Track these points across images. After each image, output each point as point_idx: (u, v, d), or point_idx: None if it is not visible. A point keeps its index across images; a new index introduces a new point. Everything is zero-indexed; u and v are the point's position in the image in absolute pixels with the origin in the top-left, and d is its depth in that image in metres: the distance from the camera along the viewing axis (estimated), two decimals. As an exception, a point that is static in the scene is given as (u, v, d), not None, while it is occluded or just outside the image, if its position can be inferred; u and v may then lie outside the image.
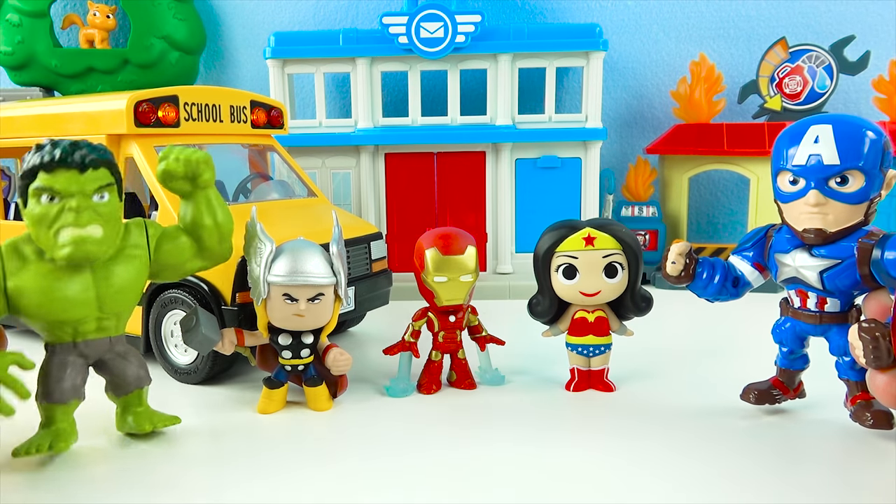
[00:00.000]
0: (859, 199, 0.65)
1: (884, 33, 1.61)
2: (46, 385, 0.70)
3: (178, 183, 0.74)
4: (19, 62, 1.59)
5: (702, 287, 0.75)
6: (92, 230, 0.67)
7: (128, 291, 0.72)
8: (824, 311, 0.70)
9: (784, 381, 0.76)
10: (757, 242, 0.74)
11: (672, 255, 0.74)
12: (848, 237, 0.66)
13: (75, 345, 0.71)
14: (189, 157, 0.73)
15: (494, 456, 0.69)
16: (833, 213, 0.66)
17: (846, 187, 0.65)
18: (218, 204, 0.77)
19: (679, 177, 1.57)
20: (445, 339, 0.87)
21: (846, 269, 0.66)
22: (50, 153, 0.66)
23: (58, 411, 0.71)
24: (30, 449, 0.68)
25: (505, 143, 1.47)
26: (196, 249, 0.77)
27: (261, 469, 0.66)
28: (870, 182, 0.65)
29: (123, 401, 0.75)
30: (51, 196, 0.66)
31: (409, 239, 1.46)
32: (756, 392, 0.76)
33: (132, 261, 0.72)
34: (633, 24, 1.67)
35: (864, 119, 0.67)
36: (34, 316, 0.69)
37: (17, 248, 0.69)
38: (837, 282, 0.67)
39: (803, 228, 0.67)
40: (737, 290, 0.75)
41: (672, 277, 0.76)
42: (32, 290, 0.67)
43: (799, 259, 0.69)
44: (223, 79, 1.76)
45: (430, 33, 1.42)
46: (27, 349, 0.68)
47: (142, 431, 0.74)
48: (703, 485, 0.62)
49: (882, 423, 0.68)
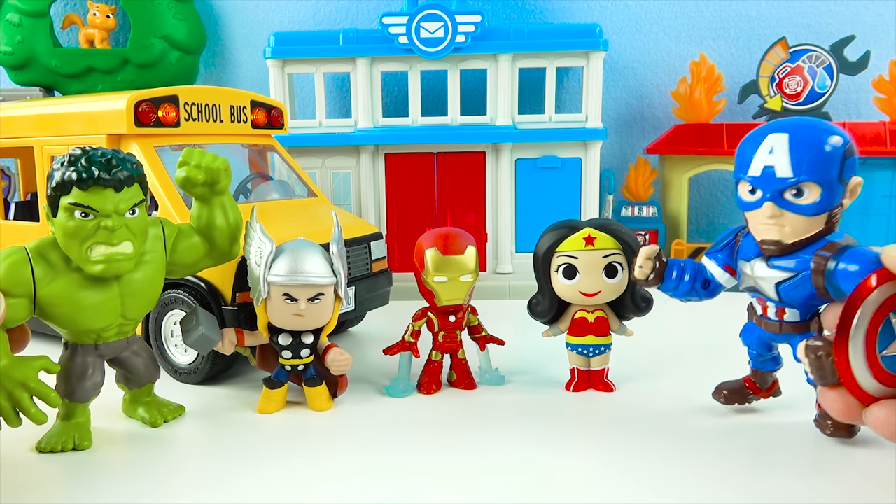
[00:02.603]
0: (816, 210, 0.62)
1: (884, 33, 1.61)
2: (69, 384, 0.72)
3: (196, 189, 0.76)
4: (19, 62, 1.59)
5: (672, 288, 0.75)
6: (124, 247, 0.69)
7: (149, 296, 0.75)
8: (784, 320, 0.69)
9: (756, 382, 0.76)
10: (727, 245, 0.73)
11: (640, 260, 0.75)
12: (807, 247, 0.64)
13: (96, 347, 0.73)
14: (210, 166, 0.75)
15: (494, 456, 0.69)
16: (790, 225, 0.64)
17: (802, 199, 0.62)
18: (231, 206, 0.79)
19: (679, 177, 1.57)
20: (445, 339, 0.87)
21: (801, 282, 0.64)
22: (86, 170, 0.66)
23: (78, 407, 0.73)
24: (55, 446, 0.71)
25: (505, 143, 1.47)
26: (208, 249, 0.79)
27: (260, 469, 0.66)
28: (828, 193, 0.62)
29: (133, 392, 0.79)
30: (85, 213, 0.66)
31: (409, 239, 1.46)
32: (727, 391, 0.76)
33: (151, 265, 0.74)
34: (633, 24, 1.67)
35: (826, 124, 0.63)
36: (62, 324, 0.71)
37: (45, 255, 0.69)
38: (793, 294, 0.66)
39: (761, 239, 0.66)
40: (708, 291, 0.74)
41: (640, 280, 0.76)
42: (62, 300, 0.69)
43: (757, 269, 0.68)
44: (223, 79, 1.76)
45: (430, 33, 1.42)
46: (35, 348, 0.69)
47: (154, 426, 0.77)
48: (703, 485, 0.62)
49: (842, 431, 0.68)
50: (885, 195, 1.46)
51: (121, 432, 0.76)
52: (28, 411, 0.66)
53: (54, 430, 0.72)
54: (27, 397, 0.66)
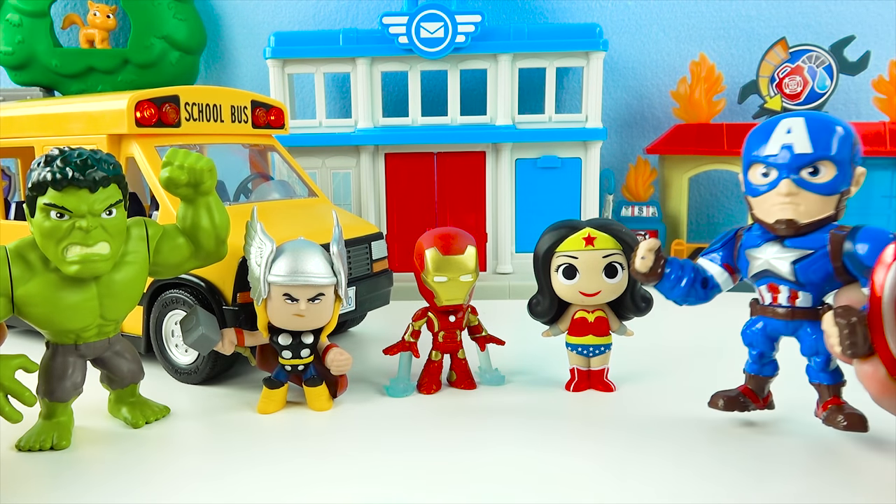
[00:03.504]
0: (830, 190, 0.65)
1: (884, 33, 1.61)
2: (49, 384, 0.72)
3: (180, 189, 0.75)
4: (19, 62, 1.59)
5: (669, 287, 0.74)
6: (100, 248, 0.68)
7: (129, 297, 0.74)
8: (796, 305, 0.69)
9: (753, 389, 0.74)
10: (727, 243, 0.73)
11: (642, 251, 0.74)
12: (819, 230, 0.66)
13: (77, 347, 0.73)
14: (193, 166, 0.74)
15: (494, 456, 0.69)
16: (805, 204, 0.65)
17: (818, 178, 0.65)
18: (216, 207, 0.79)
19: (679, 177, 1.57)
20: (445, 339, 0.87)
21: (818, 259, 0.66)
22: (61, 171, 0.66)
23: (59, 406, 0.73)
24: (34, 445, 0.71)
25: (505, 143, 1.47)
26: (193, 250, 0.79)
27: (260, 469, 0.67)
28: (841, 174, 0.65)
29: (117, 392, 0.79)
30: (60, 213, 0.66)
31: (409, 239, 1.46)
32: (724, 399, 0.74)
33: (132, 266, 0.74)
34: (633, 24, 1.67)
35: (834, 116, 0.68)
36: (40, 323, 0.71)
37: (23, 254, 0.69)
38: (810, 272, 0.66)
39: (775, 220, 0.67)
40: (706, 291, 0.74)
41: (640, 274, 0.74)
42: (39, 300, 0.69)
43: (770, 251, 0.68)
44: (223, 79, 1.76)
45: (431, 33, 1.42)
46: (28, 347, 0.69)
47: (136, 427, 0.77)
48: (702, 486, 0.62)
49: (856, 425, 0.67)
50: (885, 195, 1.46)
51: (113, 432, 0.76)
52: (2, 410, 0.67)
53: (34, 429, 0.72)
54: (2, 396, 0.67)
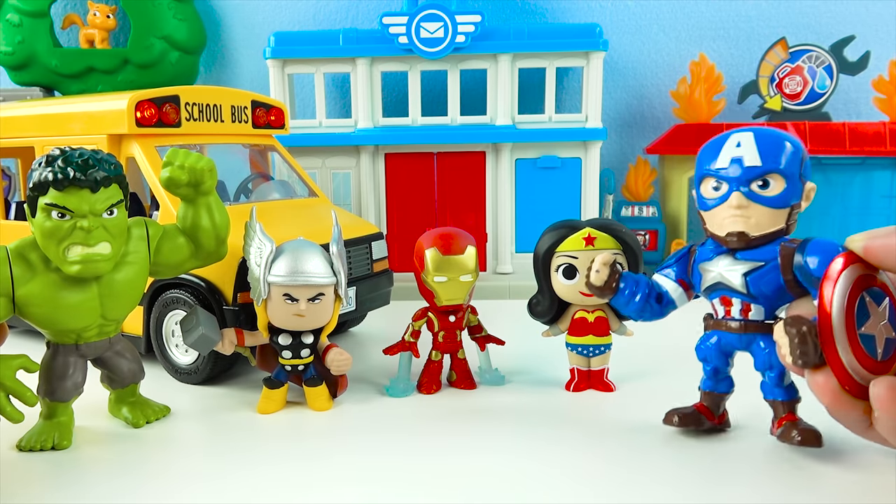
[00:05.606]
0: (780, 203, 0.65)
1: (884, 33, 1.61)
2: (50, 383, 0.72)
3: (181, 189, 0.75)
4: (19, 62, 1.59)
5: (624, 303, 0.74)
6: (101, 248, 0.69)
7: (130, 297, 0.74)
8: (748, 318, 0.69)
9: (709, 406, 0.73)
10: (681, 259, 0.74)
11: (597, 264, 0.74)
12: (770, 243, 0.66)
13: (77, 346, 0.73)
14: (194, 166, 0.74)
15: (494, 456, 0.69)
16: (755, 217, 0.66)
17: (768, 191, 0.65)
18: (217, 207, 0.79)
19: (679, 177, 1.57)
20: (445, 339, 0.87)
21: (769, 271, 0.66)
22: (62, 171, 0.66)
23: (60, 406, 0.73)
24: (35, 445, 0.71)
25: (505, 143, 1.47)
26: (193, 250, 0.79)
27: (260, 469, 0.67)
28: (791, 187, 0.65)
29: (118, 392, 0.79)
30: (61, 213, 0.66)
31: (409, 239, 1.46)
32: (679, 415, 0.73)
33: (133, 266, 0.74)
34: (633, 24, 1.67)
35: (783, 132, 0.68)
36: (41, 323, 0.71)
37: (24, 254, 0.69)
38: (761, 284, 0.66)
39: (727, 233, 0.67)
40: (661, 307, 0.74)
41: (595, 288, 0.74)
42: (40, 300, 0.69)
43: (722, 264, 0.68)
44: (223, 79, 1.76)
45: (430, 33, 1.42)
46: (28, 347, 0.69)
47: (136, 427, 0.77)
48: (703, 485, 0.62)
49: (810, 440, 0.66)
50: (884, 195, 1.46)
51: (114, 432, 0.76)
52: (3, 409, 0.67)
53: (35, 429, 0.72)
54: (3, 396, 0.67)
